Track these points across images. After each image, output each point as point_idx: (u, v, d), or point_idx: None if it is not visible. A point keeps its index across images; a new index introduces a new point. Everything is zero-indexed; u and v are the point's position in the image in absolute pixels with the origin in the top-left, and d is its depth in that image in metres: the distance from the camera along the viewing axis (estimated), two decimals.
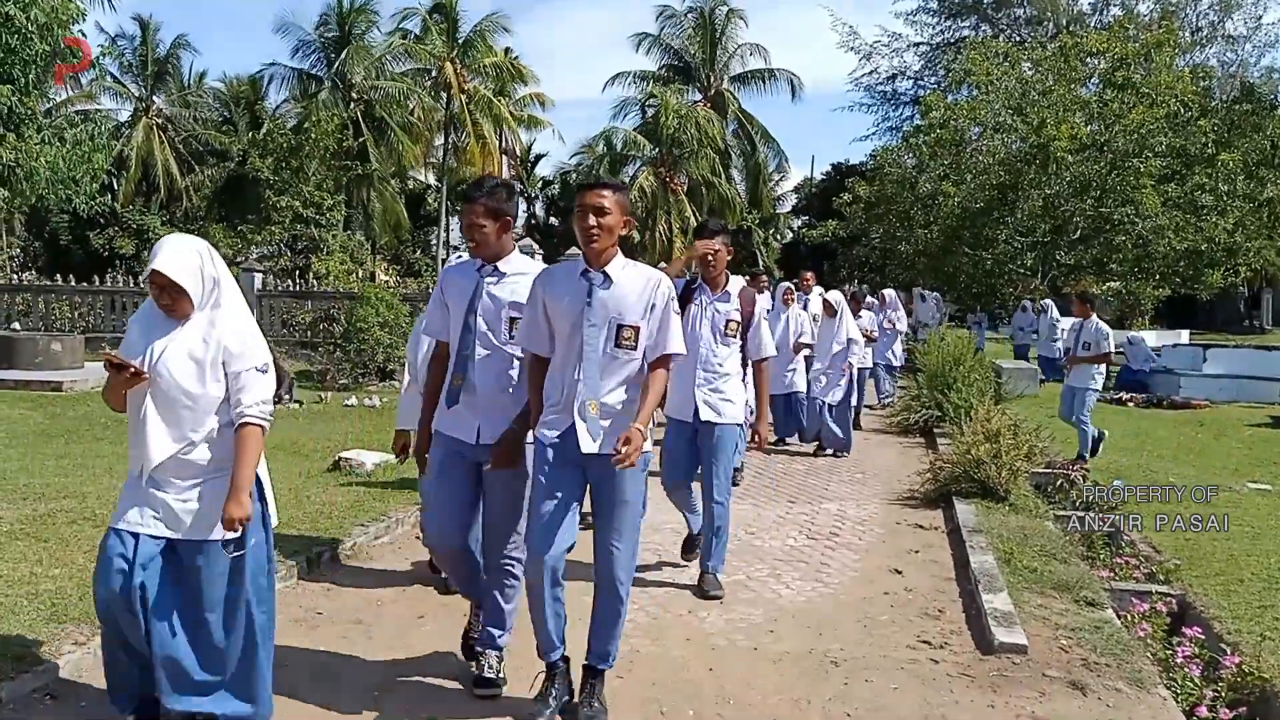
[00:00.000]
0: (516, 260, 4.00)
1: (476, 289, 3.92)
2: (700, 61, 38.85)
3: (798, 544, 6.70)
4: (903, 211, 23.67)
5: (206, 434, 3.30)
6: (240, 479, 3.26)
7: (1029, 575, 5.76)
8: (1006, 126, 20.05)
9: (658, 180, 34.98)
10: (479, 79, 34.96)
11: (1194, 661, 4.77)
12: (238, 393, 3.30)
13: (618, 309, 3.63)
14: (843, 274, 26.56)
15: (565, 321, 3.63)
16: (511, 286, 3.92)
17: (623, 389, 3.68)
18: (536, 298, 3.73)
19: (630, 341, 3.64)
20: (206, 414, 3.30)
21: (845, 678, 4.37)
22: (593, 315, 3.60)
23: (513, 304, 3.89)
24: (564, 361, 3.67)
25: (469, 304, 3.91)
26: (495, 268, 3.94)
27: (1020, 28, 38.94)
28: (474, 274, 3.97)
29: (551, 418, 3.70)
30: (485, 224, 3.86)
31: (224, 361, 3.29)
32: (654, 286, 3.69)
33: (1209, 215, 18.44)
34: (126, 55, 35.39)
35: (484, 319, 3.90)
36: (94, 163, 11.52)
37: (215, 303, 3.35)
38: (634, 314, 3.65)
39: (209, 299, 3.34)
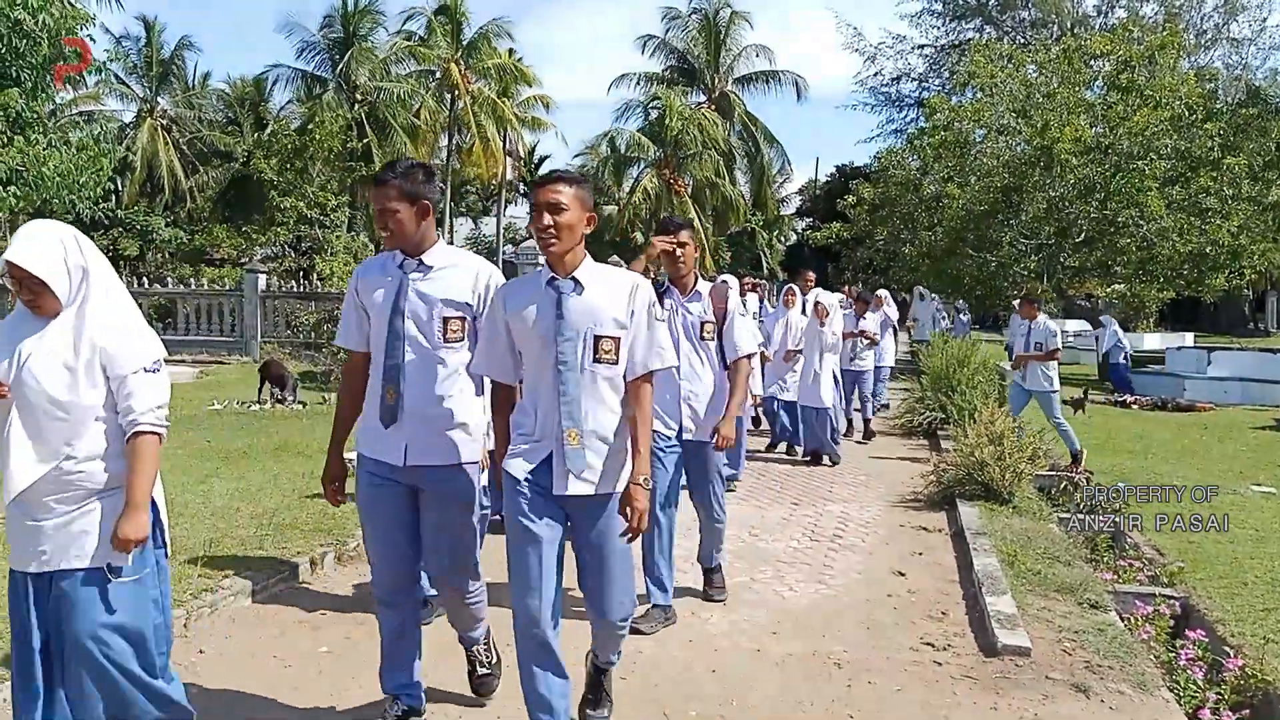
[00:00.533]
0: (443, 251, 3.52)
1: (401, 288, 3.43)
2: (705, 63, 38.89)
3: (801, 546, 6.70)
4: (907, 214, 23.65)
5: (90, 449, 2.87)
6: (135, 495, 2.86)
7: (1032, 578, 5.75)
8: (1011, 129, 20.04)
9: (661, 182, 34.99)
10: (483, 80, 35.00)
11: (1197, 664, 4.76)
12: (125, 399, 2.87)
13: (593, 319, 3.16)
14: (846, 276, 26.53)
15: (534, 339, 3.18)
16: (443, 282, 3.45)
17: (607, 410, 3.20)
18: (496, 317, 3.28)
19: (611, 354, 3.18)
20: (83, 425, 2.85)
21: (848, 679, 4.37)
22: (567, 328, 3.13)
23: (446, 302, 3.42)
24: (536, 384, 3.22)
25: (393, 305, 3.41)
26: (420, 261, 3.45)
27: (1025, 30, 38.87)
28: (394, 270, 3.47)
29: (524, 448, 3.22)
30: (400, 209, 3.37)
31: (102, 365, 2.87)
32: (631, 291, 3.22)
33: (1213, 218, 18.43)
34: (131, 56, 35.44)
35: (413, 322, 3.41)
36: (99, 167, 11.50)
37: (85, 297, 2.90)
38: (612, 323, 3.18)
39: (77, 293, 2.90)
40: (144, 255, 30.11)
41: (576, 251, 3.21)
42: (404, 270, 3.45)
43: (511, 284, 3.38)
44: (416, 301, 3.42)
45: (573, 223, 3.15)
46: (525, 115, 37.39)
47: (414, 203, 3.39)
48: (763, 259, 41.38)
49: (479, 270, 3.53)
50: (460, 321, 3.44)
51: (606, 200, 37.86)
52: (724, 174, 36.48)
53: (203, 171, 35.09)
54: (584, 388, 3.16)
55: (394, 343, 3.41)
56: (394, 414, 3.40)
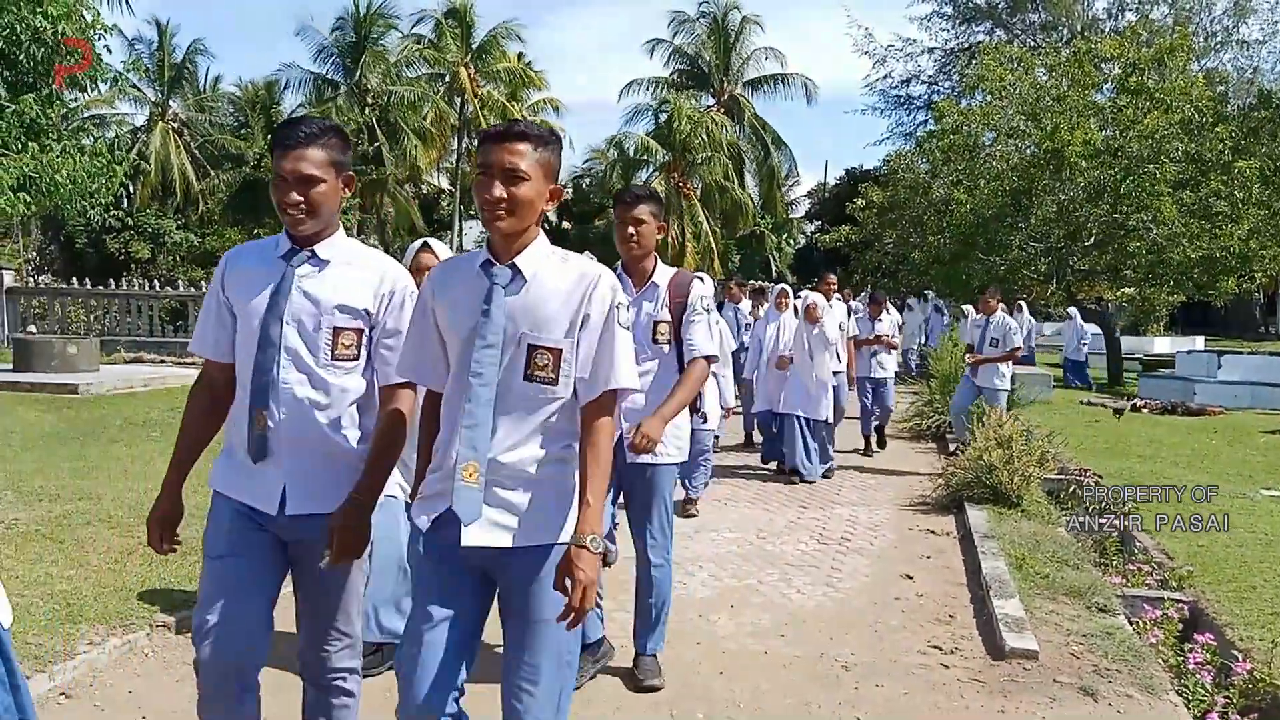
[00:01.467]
0: (343, 244, 2.77)
1: (283, 284, 2.67)
2: (714, 66, 38.92)
3: (809, 549, 6.70)
4: (916, 217, 23.61)
5: None
6: None
7: (1040, 581, 5.75)
8: (1020, 132, 20.01)
9: (670, 185, 35.02)
10: (492, 84, 35.09)
11: (1206, 668, 4.75)
12: None
13: (531, 321, 2.40)
14: (855, 279, 26.49)
15: (456, 337, 2.46)
16: (338, 281, 2.71)
17: (535, 444, 2.43)
18: (425, 304, 2.56)
19: (548, 371, 2.41)
20: None
21: (856, 682, 4.38)
22: (490, 329, 2.38)
23: (341, 308, 2.69)
24: (452, 403, 2.47)
25: (270, 306, 2.66)
26: (313, 253, 2.69)
27: (1035, 33, 38.78)
28: (275, 261, 2.71)
29: (431, 490, 2.51)
30: (324, 178, 2.63)
31: None
32: (589, 287, 2.44)
33: (1224, 222, 18.38)
34: (144, 60, 35.61)
35: (296, 329, 2.66)
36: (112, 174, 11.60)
37: None
38: (555, 328, 2.41)
39: None
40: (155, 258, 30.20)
41: (528, 232, 2.45)
42: (289, 262, 2.69)
43: (447, 263, 2.70)
44: (302, 304, 2.67)
45: (531, 197, 2.38)
46: (534, 119, 37.47)
47: (338, 171, 2.69)
48: (771, 262, 41.34)
49: (386, 271, 2.79)
50: (355, 335, 2.72)
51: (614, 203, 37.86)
52: (733, 177, 36.49)
53: (214, 175, 35.21)
54: (501, 410, 2.39)
55: (267, 353, 2.65)
56: (264, 446, 2.66)
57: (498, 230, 2.39)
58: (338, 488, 2.68)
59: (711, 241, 34.96)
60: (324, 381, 2.69)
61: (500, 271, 2.42)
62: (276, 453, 2.67)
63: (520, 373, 2.41)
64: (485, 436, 2.37)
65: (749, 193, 38.60)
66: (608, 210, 37.80)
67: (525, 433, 2.42)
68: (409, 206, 35.23)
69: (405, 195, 35.24)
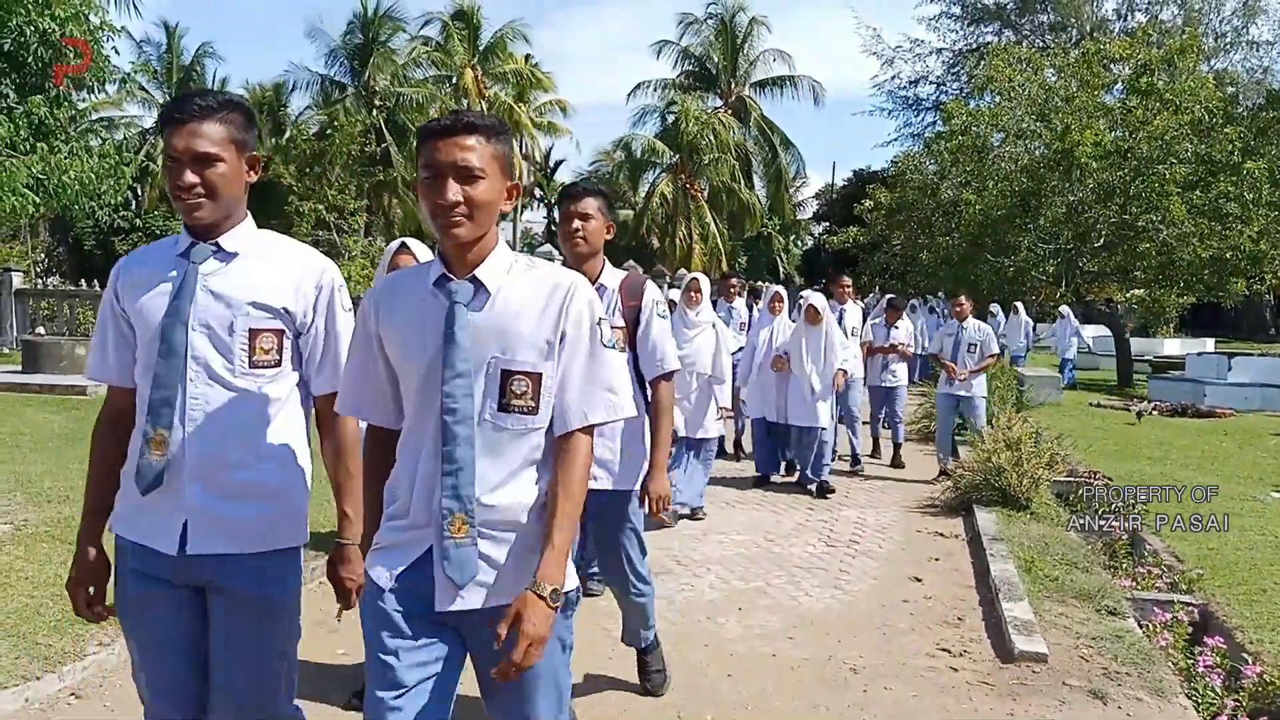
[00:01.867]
0: (253, 235, 2.39)
1: (185, 284, 2.29)
2: (721, 68, 38.93)
3: (817, 551, 6.69)
4: (924, 218, 23.58)
5: None
6: None
7: (1049, 584, 5.74)
8: (1029, 133, 19.97)
9: (678, 187, 35.02)
10: (499, 85, 35.15)
11: (1215, 671, 4.73)
12: None
13: (502, 343, 2.09)
14: (863, 281, 26.46)
15: (414, 368, 2.12)
16: (251, 276, 2.33)
17: (520, 482, 2.12)
18: (368, 329, 2.20)
19: (527, 399, 2.10)
20: None
21: (864, 685, 4.37)
22: (458, 356, 2.06)
23: (256, 305, 2.32)
24: (413, 440, 2.15)
25: (172, 309, 2.28)
26: (218, 245, 2.32)
27: (1043, 34, 38.75)
28: (174, 260, 2.33)
29: (391, 540, 2.17)
30: (224, 156, 2.25)
31: None
32: (565, 299, 2.13)
33: (1234, 223, 18.32)
34: (152, 62, 35.77)
35: (203, 334, 2.29)
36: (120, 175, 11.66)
37: None
38: (531, 350, 2.10)
39: None
40: None
41: (488, 238, 2.13)
42: (190, 258, 2.31)
43: (390, 280, 2.29)
44: (209, 304, 2.30)
45: (491, 197, 2.07)
46: (541, 120, 37.53)
47: (242, 150, 2.31)
48: (779, 264, 41.34)
49: (307, 264, 2.42)
50: (275, 336, 2.35)
51: (622, 205, 37.92)
52: (740, 178, 36.48)
53: None
54: (483, 448, 2.08)
55: (172, 365, 2.27)
56: (158, 474, 2.26)
57: (455, 239, 2.06)
58: (251, 523, 2.32)
59: (719, 243, 34.95)
60: (241, 394, 2.32)
61: (460, 287, 2.09)
62: (177, 481, 2.28)
63: (495, 402, 2.09)
64: (470, 481, 2.06)
65: (756, 194, 38.59)
66: (615, 212, 37.77)
67: (506, 472, 2.10)
68: (416, 208, 35.28)
69: (413, 197, 35.29)
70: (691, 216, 34.89)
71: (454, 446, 2.06)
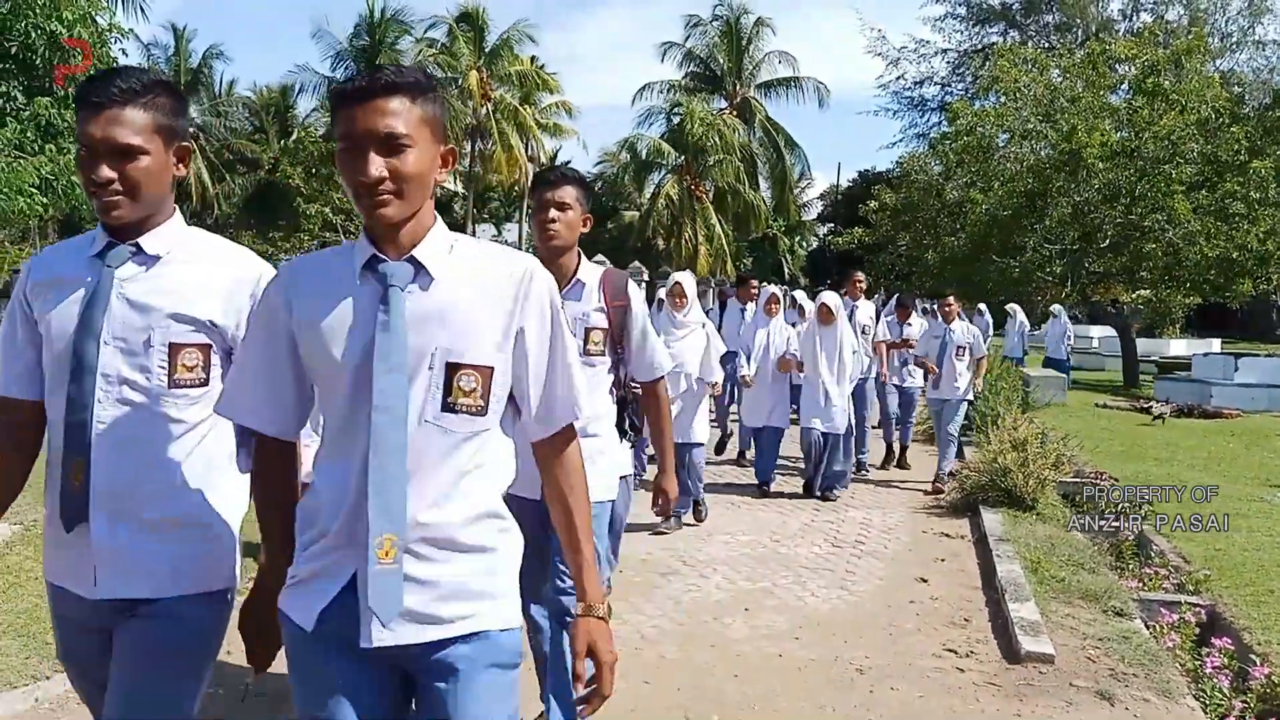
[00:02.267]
0: (181, 234, 2.08)
1: (98, 290, 2.00)
2: (726, 69, 38.94)
3: (823, 552, 6.69)
4: (929, 219, 23.56)
5: None
6: None
7: (1056, 584, 5.73)
8: (1035, 133, 19.95)
9: (683, 188, 35.02)
10: (505, 87, 35.19)
11: (1223, 672, 4.73)
12: None
13: (449, 334, 1.79)
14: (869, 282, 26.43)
15: (336, 366, 1.79)
16: (175, 283, 2.02)
17: (460, 498, 1.80)
18: (274, 321, 1.86)
19: (475, 398, 1.80)
20: None
21: (870, 686, 4.37)
22: (394, 348, 1.75)
23: (178, 317, 2.01)
24: (337, 447, 1.82)
25: (83, 319, 1.99)
26: (138, 247, 2.01)
27: (1049, 34, 38.69)
28: (89, 263, 2.03)
29: (309, 571, 1.83)
30: (147, 148, 1.95)
31: None
32: (522, 284, 1.85)
33: (1240, 223, 18.29)
34: (160, 65, 35.87)
35: (117, 349, 1.99)
36: None
37: None
38: (483, 339, 1.81)
39: None
40: None
41: (423, 214, 1.83)
42: (105, 261, 2.01)
43: (300, 264, 1.97)
44: (125, 314, 2.00)
45: (421, 169, 1.76)
46: (547, 121, 37.55)
47: (169, 140, 2.01)
48: (784, 265, 41.32)
49: (243, 270, 2.10)
50: (200, 352, 2.03)
51: (627, 206, 37.95)
52: (745, 180, 36.45)
53: (229, 179, 35.43)
54: (420, 456, 1.77)
55: (83, 384, 1.98)
56: (81, 507, 1.99)
57: (384, 219, 1.75)
58: (168, 563, 2.00)
59: (724, 244, 34.95)
60: (160, 417, 2.00)
61: (396, 269, 1.78)
62: (93, 516, 1.98)
63: (438, 402, 1.78)
64: (402, 496, 1.74)
65: (761, 195, 38.57)
66: (621, 213, 37.92)
67: (447, 483, 1.79)
68: None
69: None
70: (697, 218, 34.85)
71: (385, 455, 1.73)
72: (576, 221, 3.29)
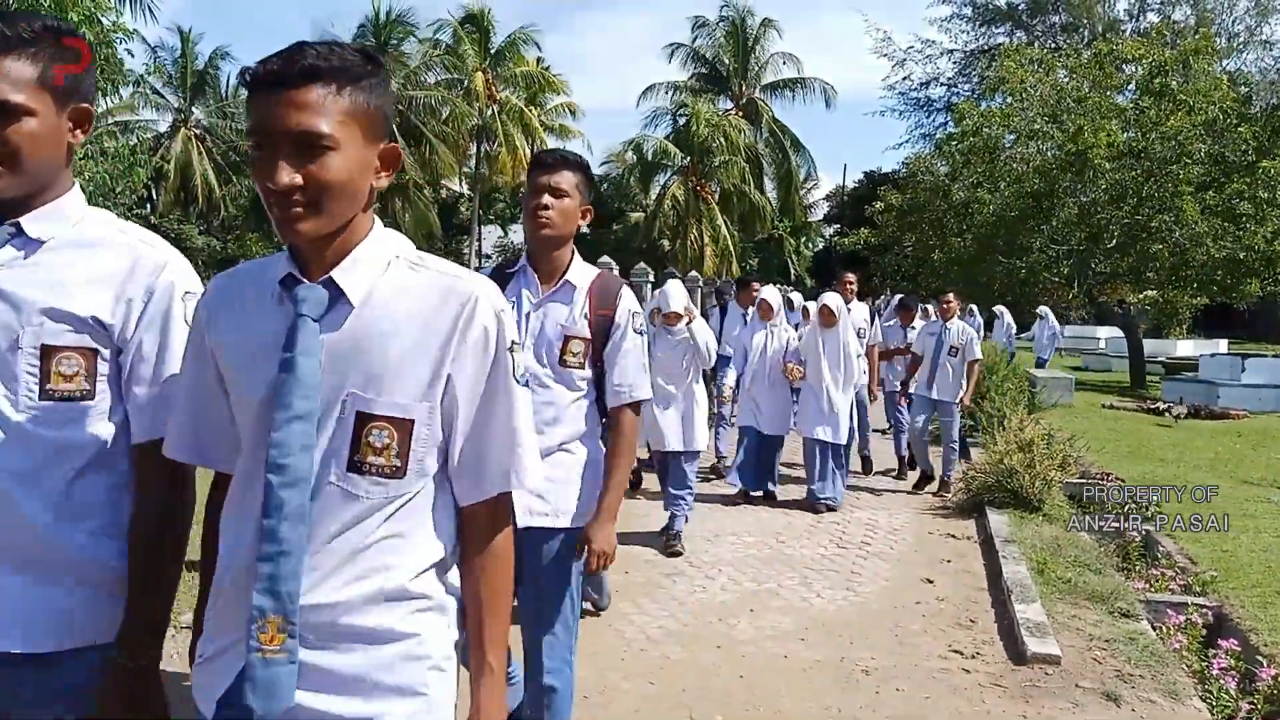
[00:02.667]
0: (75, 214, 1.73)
1: None
2: (732, 71, 38.97)
3: (829, 552, 6.69)
4: (936, 219, 23.55)
5: None
6: None
7: (1062, 586, 5.73)
8: (1041, 133, 19.92)
9: (689, 189, 35.03)
10: (510, 89, 35.25)
11: (1230, 673, 4.72)
12: None
13: (363, 373, 1.48)
14: (875, 283, 26.39)
15: (241, 403, 1.54)
16: (53, 272, 1.66)
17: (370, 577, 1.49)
18: (200, 341, 1.59)
19: (389, 456, 1.49)
20: None
21: (876, 687, 4.36)
22: (297, 388, 1.45)
23: (53, 313, 1.64)
24: (235, 504, 1.55)
25: None
26: (17, 228, 1.67)
27: (1055, 34, 38.67)
28: None
29: (209, 650, 1.58)
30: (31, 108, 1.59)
31: None
32: (463, 313, 1.52)
33: (1248, 223, 18.24)
34: (166, 67, 35.97)
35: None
36: (134, 177, 11.74)
37: None
38: (404, 383, 1.49)
39: None
40: None
41: (354, 226, 1.50)
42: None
43: (233, 274, 1.64)
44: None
45: (344, 176, 1.43)
46: (553, 123, 37.59)
47: (64, 101, 1.65)
48: (790, 266, 41.30)
49: (141, 257, 1.73)
50: (81, 357, 1.66)
51: (633, 207, 37.95)
52: (751, 181, 36.47)
53: (235, 181, 35.50)
54: (321, 523, 1.46)
55: None
56: None
57: (298, 236, 1.43)
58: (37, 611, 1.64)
59: (730, 245, 34.96)
60: (28, 436, 1.62)
61: (310, 293, 1.46)
62: None
63: (343, 460, 1.46)
64: (295, 571, 1.43)
65: (767, 196, 38.58)
66: (626, 215, 37.93)
67: (349, 559, 1.47)
68: (428, 212, 35.40)
69: (424, 200, 35.41)
70: (703, 219, 34.88)
71: (278, 520, 1.43)
72: (574, 211, 2.90)
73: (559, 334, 2.86)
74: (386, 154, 1.52)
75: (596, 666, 4.34)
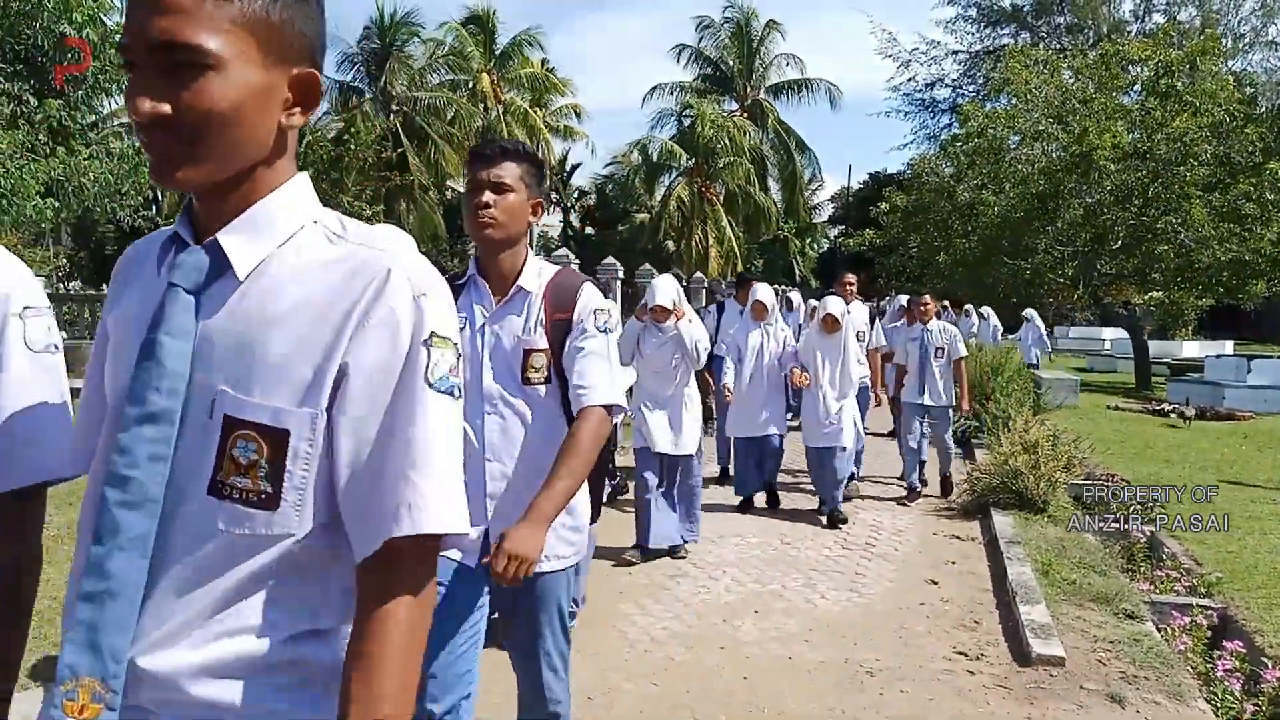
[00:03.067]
0: None
1: None
2: (737, 72, 38.97)
3: (833, 554, 6.68)
4: (940, 220, 23.54)
5: None
6: None
7: (1067, 587, 5.72)
8: (1047, 135, 19.90)
9: (694, 190, 35.02)
10: (515, 90, 35.28)
11: (1235, 675, 4.71)
12: None
13: (237, 367, 1.12)
14: (879, 284, 26.40)
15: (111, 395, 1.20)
16: None
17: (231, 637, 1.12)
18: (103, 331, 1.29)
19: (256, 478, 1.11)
20: None
21: (880, 688, 4.36)
22: (148, 385, 1.12)
23: None
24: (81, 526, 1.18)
25: None
26: None
27: (1060, 35, 38.64)
28: None
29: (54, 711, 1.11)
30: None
31: None
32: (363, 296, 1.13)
33: (1253, 224, 18.21)
34: None
35: None
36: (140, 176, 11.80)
37: None
38: (282, 382, 1.11)
39: None
40: None
41: (255, 180, 1.17)
42: None
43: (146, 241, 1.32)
44: None
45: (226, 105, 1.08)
46: (557, 124, 37.60)
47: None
48: (795, 267, 41.28)
49: None
50: None
51: (638, 209, 37.94)
52: (756, 182, 36.45)
53: None
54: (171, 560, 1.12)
55: None
56: None
57: (173, 182, 1.11)
58: None
59: (735, 246, 34.95)
60: None
61: (186, 258, 1.16)
62: None
63: (205, 479, 1.12)
64: (124, 619, 1.09)
65: (772, 197, 38.56)
66: (632, 215, 37.93)
67: (210, 611, 1.12)
68: (433, 213, 35.44)
69: (430, 201, 35.43)
70: (708, 220, 34.87)
71: (110, 548, 1.09)
72: (521, 207, 2.50)
73: (517, 348, 2.52)
74: (300, 82, 1.15)
75: (600, 667, 4.34)
